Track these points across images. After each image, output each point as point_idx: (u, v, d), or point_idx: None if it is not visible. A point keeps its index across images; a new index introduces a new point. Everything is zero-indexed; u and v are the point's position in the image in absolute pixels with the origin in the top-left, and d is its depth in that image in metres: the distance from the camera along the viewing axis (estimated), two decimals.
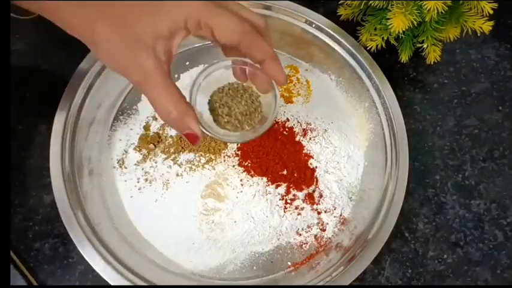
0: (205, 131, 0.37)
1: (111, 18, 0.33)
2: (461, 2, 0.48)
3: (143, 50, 0.33)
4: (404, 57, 0.53)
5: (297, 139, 0.51)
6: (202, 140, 0.37)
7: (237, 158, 0.50)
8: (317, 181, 0.50)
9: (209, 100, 0.40)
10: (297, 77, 0.55)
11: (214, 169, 0.49)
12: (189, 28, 0.34)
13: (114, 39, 0.33)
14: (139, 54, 0.33)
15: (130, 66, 0.34)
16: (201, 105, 0.39)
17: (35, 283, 0.46)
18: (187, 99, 0.36)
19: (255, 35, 0.35)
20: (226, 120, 0.39)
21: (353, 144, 0.52)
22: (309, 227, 0.49)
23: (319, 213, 0.49)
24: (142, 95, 0.53)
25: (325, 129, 0.52)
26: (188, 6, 0.33)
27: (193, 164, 0.50)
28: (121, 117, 0.52)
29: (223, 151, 0.50)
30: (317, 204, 0.49)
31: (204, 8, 0.33)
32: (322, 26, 0.53)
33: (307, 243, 0.48)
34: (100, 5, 0.34)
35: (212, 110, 0.40)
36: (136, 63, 0.33)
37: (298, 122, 0.52)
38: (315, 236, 0.49)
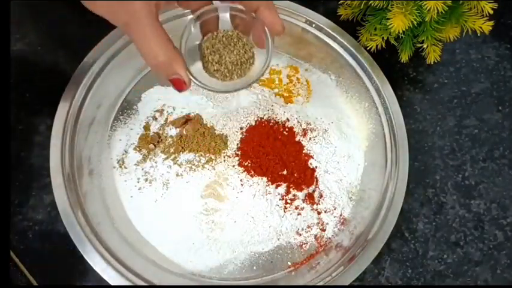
0: (193, 79, 0.36)
1: None
2: (461, 2, 0.48)
3: None
4: (404, 57, 0.53)
5: (297, 139, 0.51)
6: (189, 86, 0.36)
7: (237, 158, 0.50)
8: (317, 181, 0.50)
9: (200, 45, 0.38)
10: (297, 77, 0.55)
11: (214, 169, 0.49)
12: None
13: None
14: None
15: (117, 7, 0.32)
16: (191, 52, 0.37)
17: (35, 283, 0.46)
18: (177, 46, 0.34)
19: None
20: (215, 68, 0.37)
21: (353, 144, 0.52)
22: (309, 227, 0.49)
23: (319, 213, 0.49)
24: (142, 95, 0.53)
25: (325, 129, 0.52)
26: None
27: (193, 164, 0.50)
28: (121, 117, 0.52)
29: (223, 151, 0.50)
30: (317, 204, 0.49)
31: None
32: (322, 26, 0.53)
33: (307, 243, 0.48)
34: None
35: (202, 56, 0.38)
36: (124, 3, 0.32)
37: (298, 122, 0.52)
38: (315, 236, 0.49)
